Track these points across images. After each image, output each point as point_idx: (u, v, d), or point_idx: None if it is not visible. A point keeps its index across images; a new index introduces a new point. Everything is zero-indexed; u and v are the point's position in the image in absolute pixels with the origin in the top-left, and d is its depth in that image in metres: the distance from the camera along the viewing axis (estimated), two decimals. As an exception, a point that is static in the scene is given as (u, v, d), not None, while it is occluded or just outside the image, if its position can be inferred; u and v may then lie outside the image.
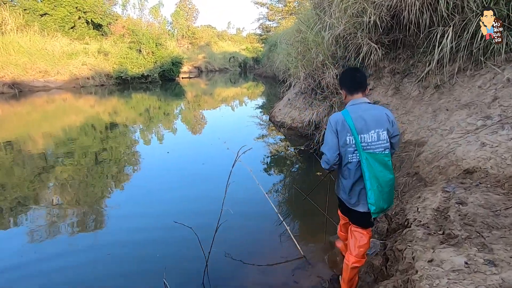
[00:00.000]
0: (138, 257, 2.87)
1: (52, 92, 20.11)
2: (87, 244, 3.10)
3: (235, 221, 3.31)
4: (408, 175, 3.73)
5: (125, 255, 2.91)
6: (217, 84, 27.93)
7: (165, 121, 11.30)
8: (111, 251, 2.96)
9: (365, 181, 1.93)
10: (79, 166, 5.68)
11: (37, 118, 12.75)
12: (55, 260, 2.83)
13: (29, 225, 3.59)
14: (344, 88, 2.15)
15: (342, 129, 1.94)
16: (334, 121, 1.98)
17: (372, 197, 1.93)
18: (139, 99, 18.21)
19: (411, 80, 5.04)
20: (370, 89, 5.50)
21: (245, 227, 3.24)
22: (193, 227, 2.46)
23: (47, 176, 5.26)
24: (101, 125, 10.15)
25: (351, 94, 2.09)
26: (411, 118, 4.65)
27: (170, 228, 3.18)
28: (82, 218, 3.68)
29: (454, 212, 2.33)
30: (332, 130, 1.98)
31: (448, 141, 3.64)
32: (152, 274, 2.56)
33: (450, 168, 3.21)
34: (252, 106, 13.97)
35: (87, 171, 5.38)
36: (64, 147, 7.14)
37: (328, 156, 1.98)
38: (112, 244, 3.10)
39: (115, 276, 2.63)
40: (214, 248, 2.92)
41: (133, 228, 3.39)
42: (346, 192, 2.07)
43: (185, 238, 2.89)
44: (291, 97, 7.66)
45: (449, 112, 4.10)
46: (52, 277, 2.60)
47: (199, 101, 17.57)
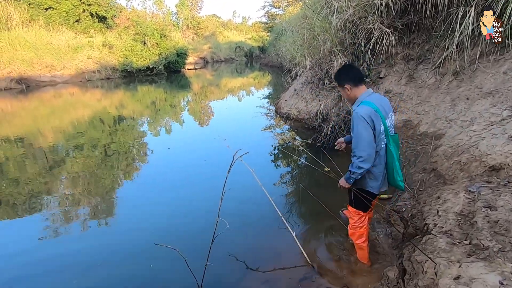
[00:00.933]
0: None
1: (59, 86, 20.16)
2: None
3: (235, 225, 3.10)
4: (425, 171, 3.43)
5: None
6: (223, 74, 27.60)
7: (171, 114, 11.21)
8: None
9: (395, 161, 2.12)
10: (89, 159, 5.75)
11: (46, 113, 12.85)
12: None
13: (43, 215, 3.72)
14: (348, 83, 2.14)
15: (376, 120, 2.01)
16: (367, 115, 1.99)
17: (401, 175, 2.18)
18: (145, 92, 18.11)
19: (426, 67, 4.67)
20: (381, 78, 5.15)
21: (245, 231, 2.99)
22: (192, 230, 2.26)
23: (58, 169, 5.35)
24: (109, 119, 10.13)
25: (356, 86, 2.13)
26: (427, 108, 4.31)
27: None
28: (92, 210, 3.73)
29: (482, 218, 2.05)
30: (367, 125, 1.99)
31: (470, 133, 3.31)
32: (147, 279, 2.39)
33: (473, 165, 2.90)
34: (259, 96, 13.70)
35: (97, 164, 5.43)
36: (73, 141, 7.21)
37: (369, 152, 2.00)
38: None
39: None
40: (215, 253, 2.73)
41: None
42: (379, 179, 2.19)
43: (183, 242, 2.73)
44: (297, 88, 7.33)
45: (469, 101, 3.76)
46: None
47: (205, 92, 17.37)
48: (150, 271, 2.54)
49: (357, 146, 2.02)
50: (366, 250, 2.44)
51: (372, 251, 2.52)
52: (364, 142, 1.99)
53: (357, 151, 2.03)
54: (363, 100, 2.09)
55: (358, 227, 2.39)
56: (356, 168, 2.06)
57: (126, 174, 5.01)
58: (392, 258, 2.45)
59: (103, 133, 8.19)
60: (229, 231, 2.92)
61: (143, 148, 6.43)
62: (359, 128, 1.99)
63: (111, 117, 10.73)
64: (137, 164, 5.50)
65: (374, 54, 5.18)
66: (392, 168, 2.16)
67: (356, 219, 2.38)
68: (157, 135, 7.67)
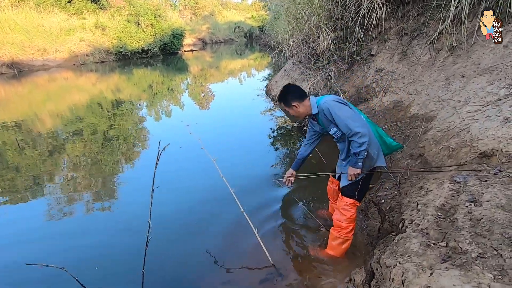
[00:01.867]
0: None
1: (52, 71, 19.76)
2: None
3: (195, 221, 2.89)
4: (412, 157, 3.13)
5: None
6: (222, 56, 26.92)
7: (169, 97, 11.03)
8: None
9: (377, 128, 2.18)
10: (89, 143, 5.75)
11: (41, 98, 12.75)
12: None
13: (46, 199, 3.68)
14: (294, 100, 2.11)
15: (342, 99, 2.05)
16: (334, 98, 2.02)
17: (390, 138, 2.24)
18: (141, 75, 17.73)
19: (421, 42, 4.27)
20: (372, 55, 4.75)
21: (206, 228, 2.76)
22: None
23: (59, 155, 5.31)
24: (107, 103, 10.02)
25: (303, 99, 2.11)
26: (420, 87, 3.95)
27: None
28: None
29: (464, 215, 1.77)
30: (342, 105, 1.99)
31: (462, 115, 2.98)
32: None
33: (462, 150, 2.59)
34: (259, 78, 13.31)
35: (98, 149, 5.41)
36: (72, 126, 7.19)
37: (362, 124, 1.93)
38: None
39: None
40: (174, 253, 2.52)
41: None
42: (381, 150, 2.15)
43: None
44: (288, 68, 6.93)
45: (465, 79, 3.39)
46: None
47: (205, 75, 16.95)
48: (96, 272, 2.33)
49: (348, 127, 1.93)
50: (350, 243, 2.26)
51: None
52: (350, 119, 1.92)
53: (351, 131, 1.92)
54: (316, 100, 2.10)
55: (353, 220, 2.20)
56: (359, 147, 1.94)
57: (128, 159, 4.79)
58: (363, 258, 2.19)
59: (102, 117, 8.11)
60: (188, 228, 2.72)
61: (139, 135, 6.27)
62: (338, 112, 1.95)
63: (108, 101, 10.55)
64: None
65: (365, 29, 4.76)
66: (380, 136, 2.16)
67: (353, 212, 2.17)
68: (166, 115, 7.43)
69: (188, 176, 3.84)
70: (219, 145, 4.80)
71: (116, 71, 19.49)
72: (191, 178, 3.79)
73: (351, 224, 2.17)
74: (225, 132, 5.60)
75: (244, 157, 4.41)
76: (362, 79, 4.81)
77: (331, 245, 2.27)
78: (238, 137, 5.35)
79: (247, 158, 4.39)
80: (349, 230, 2.18)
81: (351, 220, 2.17)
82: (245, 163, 4.14)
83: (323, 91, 5.18)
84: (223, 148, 4.71)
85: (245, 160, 4.30)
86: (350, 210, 2.15)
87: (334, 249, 2.25)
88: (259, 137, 5.22)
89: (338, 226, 2.20)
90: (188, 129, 2.80)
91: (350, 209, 2.15)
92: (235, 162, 4.20)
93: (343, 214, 2.17)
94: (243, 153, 4.56)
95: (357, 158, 1.98)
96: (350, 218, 2.16)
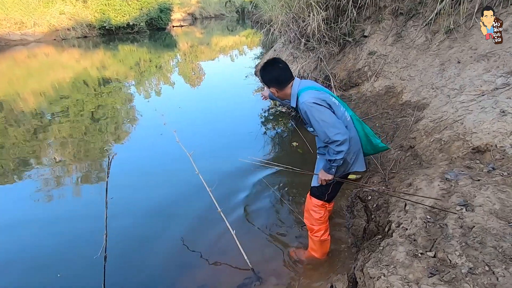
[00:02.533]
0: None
1: (32, 46, 18.74)
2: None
3: (161, 222, 2.71)
4: (401, 148, 2.99)
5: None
6: (213, 32, 25.94)
7: (158, 75, 10.69)
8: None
9: (365, 127, 1.92)
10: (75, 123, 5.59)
11: (22, 75, 12.28)
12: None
13: (33, 181, 3.60)
14: (273, 85, 1.84)
15: (325, 97, 1.76)
16: (315, 98, 1.70)
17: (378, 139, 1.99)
18: (127, 52, 17.01)
19: (417, 23, 4.02)
20: (365, 36, 4.49)
21: (183, 226, 2.60)
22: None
23: (44, 134, 5.19)
24: (92, 81, 9.68)
25: (284, 86, 1.83)
26: (413, 73, 3.76)
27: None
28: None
29: (454, 221, 1.64)
30: (322, 108, 1.70)
31: (456, 105, 2.82)
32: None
33: (454, 144, 2.45)
34: (251, 56, 12.87)
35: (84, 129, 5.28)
36: (57, 105, 6.99)
37: (342, 132, 1.68)
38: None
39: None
40: (151, 251, 2.38)
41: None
42: (360, 155, 1.94)
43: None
44: (277, 48, 6.60)
45: (461, 65, 3.21)
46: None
47: (195, 52, 16.36)
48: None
49: (326, 135, 1.69)
50: (329, 243, 2.13)
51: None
52: (330, 125, 1.68)
53: (330, 139, 1.69)
54: (297, 91, 1.79)
55: (325, 221, 2.06)
56: (335, 154, 1.74)
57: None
58: (347, 263, 2.08)
59: (88, 96, 7.90)
60: (158, 228, 2.53)
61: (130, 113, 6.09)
62: (318, 116, 1.68)
63: (94, 79, 10.17)
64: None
65: (359, 8, 4.46)
66: (366, 135, 1.93)
67: (322, 213, 2.02)
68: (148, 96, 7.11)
69: (162, 172, 3.59)
70: (200, 135, 4.52)
71: (101, 47, 18.64)
72: (164, 174, 3.53)
73: (322, 225, 2.04)
74: (209, 119, 5.34)
75: (226, 145, 4.16)
76: (353, 62, 4.58)
77: (311, 246, 2.16)
78: (222, 123, 5.08)
79: (230, 146, 4.14)
80: (322, 232, 2.05)
81: (322, 222, 2.03)
82: (226, 154, 3.88)
83: (313, 73, 4.93)
84: (206, 138, 4.42)
85: (227, 149, 4.05)
86: (318, 212, 2.01)
87: (315, 251, 2.13)
88: (244, 123, 4.95)
89: (311, 229, 2.08)
90: (163, 119, 2.54)
91: (319, 211, 2.01)
92: (216, 152, 3.95)
93: (312, 216, 2.03)
94: (226, 141, 4.28)
95: (332, 165, 1.79)
96: (320, 220, 2.02)
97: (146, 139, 4.64)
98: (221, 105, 6.10)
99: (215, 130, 4.70)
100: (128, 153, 4.10)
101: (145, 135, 4.79)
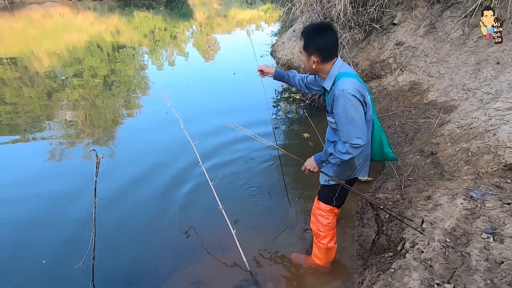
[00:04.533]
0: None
1: (47, 5, 18.49)
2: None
3: (157, 212, 2.59)
4: (422, 153, 2.77)
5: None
6: (231, 4, 25.06)
7: (172, 45, 10.59)
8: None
9: (383, 134, 1.72)
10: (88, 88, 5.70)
11: (37, 34, 12.32)
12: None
13: (45, 140, 3.85)
14: (316, 54, 1.53)
15: (364, 92, 1.54)
16: (356, 90, 1.48)
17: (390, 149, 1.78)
18: (142, 19, 16.64)
19: (454, 14, 3.64)
20: (394, 24, 4.12)
21: (175, 221, 2.48)
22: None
23: (57, 96, 5.36)
24: (106, 46, 9.69)
25: (328, 61, 1.55)
26: (443, 70, 3.44)
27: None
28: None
29: (479, 251, 1.47)
30: (357, 104, 1.49)
31: (490, 112, 2.55)
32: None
33: (484, 157, 2.22)
34: (268, 32, 12.38)
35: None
36: (71, 68, 7.05)
37: (364, 139, 1.52)
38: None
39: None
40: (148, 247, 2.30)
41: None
42: (368, 161, 1.78)
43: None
44: (297, 29, 6.21)
45: (500, 67, 2.89)
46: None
47: (211, 23, 15.90)
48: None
49: (348, 134, 1.51)
50: (335, 251, 2.00)
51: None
52: (357, 126, 1.49)
53: (350, 138, 1.51)
54: (338, 73, 1.54)
55: (333, 227, 1.92)
56: (342, 154, 1.55)
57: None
58: (352, 276, 1.95)
59: (102, 61, 7.90)
60: (155, 219, 2.41)
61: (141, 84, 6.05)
62: (350, 111, 1.47)
63: (108, 44, 10.07)
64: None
65: (390, -8, 4.07)
66: (381, 142, 1.73)
67: (331, 219, 1.88)
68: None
69: (163, 161, 3.37)
70: (205, 120, 4.23)
71: (116, 12, 18.26)
72: (165, 163, 3.29)
73: (329, 232, 1.90)
74: (217, 99, 5.13)
75: (234, 133, 3.90)
76: (378, 52, 4.24)
77: (315, 253, 2.02)
78: (230, 106, 4.86)
79: (236, 140, 3.87)
80: (329, 239, 1.91)
81: (330, 228, 1.89)
82: (232, 146, 3.64)
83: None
84: (211, 124, 4.06)
85: (233, 142, 3.77)
86: (327, 217, 1.86)
87: (318, 258, 2.00)
88: (254, 107, 4.69)
89: (317, 235, 1.94)
90: (168, 103, 2.36)
91: (327, 216, 1.86)
92: (221, 142, 3.67)
93: (319, 221, 1.88)
94: (233, 133, 4.01)
95: (328, 159, 1.61)
96: (327, 226, 1.88)
97: (151, 117, 4.51)
98: (232, 85, 5.87)
99: (221, 113, 4.47)
100: (131, 136, 3.97)
101: (150, 116, 4.63)
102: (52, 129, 4.24)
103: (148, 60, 8.43)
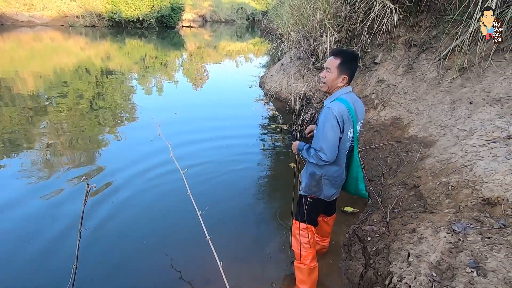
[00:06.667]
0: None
1: (38, 29, 18.59)
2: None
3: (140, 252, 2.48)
4: (405, 186, 2.86)
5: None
6: (222, 36, 26.01)
7: (162, 72, 10.66)
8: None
9: (360, 170, 1.87)
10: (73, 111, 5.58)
11: (25, 56, 12.20)
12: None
13: (22, 162, 3.61)
14: (350, 76, 1.75)
15: (348, 122, 1.71)
16: (339, 113, 1.66)
17: (364, 183, 1.91)
18: (134, 46, 16.92)
19: (429, 57, 3.95)
20: (376, 63, 4.41)
21: (159, 251, 2.40)
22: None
23: (39, 118, 5.16)
24: (95, 70, 9.68)
25: (347, 83, 1.78)
26: (422, 107, 3.66)
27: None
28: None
29: (464, 285, 1.50)
30: (335, 124, 1.66)
31: (466, 148, 2.71)
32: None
33: (463, 192, 2.32)
34: (256, 64, 12.83)
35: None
36: (56, 90, 6.96)
37: (329, 156, 1.69)
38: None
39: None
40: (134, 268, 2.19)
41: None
42: (337, 187, 1.90)
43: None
44: (285, 62, 6.51)
45: (472, 106, 3.11)
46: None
47: (201, 54, 16.30)
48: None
49: (319, 143, 1.70)
50: (317, 271, 2.02)
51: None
52: (327, 142, 1.67)
53: (318, 148, 1.71)
54: (339, 96, 1.76)
55: (312, 246, 1.97)
56: (310, 156, 1.78)
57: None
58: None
59: (89, 84, 7.85)
60: (149, 245, 2.35)
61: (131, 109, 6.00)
62: (327, 127, 1.66)
63: (97, 68, 10.15)
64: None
65: (373, 34, 4.39)
66: (357, 178, 1.89)
67: (310, 237, 1.95)
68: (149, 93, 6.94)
69: (153, 183, 3.34)
70: (193, 148, 4.21)
71: (108, 38, 18.54)
72: (156, 193, 3.21)
73: (309, 250, 1.95)
74: (205, 128, 5.15)
75: (224, 164, 3.89)
76: (361, 88, 4.48)
77: (299, 278, 2.02)
78: (218, 135, 4.86)
79: (225, 163, 3.94)
80: (310, 259, 1.96)
81: (309, 247, 1.95)
82: (220, 173, 3.65)
83: (318, 94, 4.83)
84: (200, 153, 4.07)
85: (221, 166, 3.84)
86: (304, 236, 1.94)
87: (304, 282, 1.99)
88: (242, 137, 4.75)
89: (298, 256, 1.98)
90: (158, 130, 2.39)
91: (305, 234, 1.94)
92: (209, 169, 3.66)
93: (298, 240, 1.95)
94: (221, 157, 4.02)
95: (304, 149, 1.84)
96: (307, 244, 1.95)
97: (138, 145, 4.44)
98: (220, 114, 5.95)
99: (210, 143, 4.47)
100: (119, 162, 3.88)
101: (137, 141, 4.56)
102: (29, 151, 3.96)
103: (136, 85, 8.49)
